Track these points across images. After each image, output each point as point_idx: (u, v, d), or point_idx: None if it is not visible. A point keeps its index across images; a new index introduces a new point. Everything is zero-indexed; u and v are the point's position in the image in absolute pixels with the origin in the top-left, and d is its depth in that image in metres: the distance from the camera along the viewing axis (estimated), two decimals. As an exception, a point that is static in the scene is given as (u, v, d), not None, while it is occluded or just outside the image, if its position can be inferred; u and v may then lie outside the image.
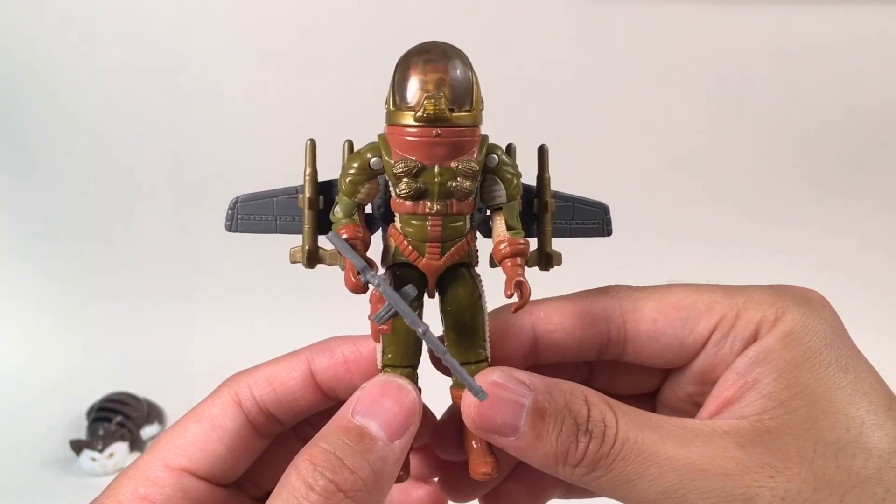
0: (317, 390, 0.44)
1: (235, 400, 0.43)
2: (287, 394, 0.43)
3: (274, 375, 0.43)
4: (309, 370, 0.43)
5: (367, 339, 0.43)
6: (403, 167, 0.39)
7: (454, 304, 0.43)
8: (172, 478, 0.41)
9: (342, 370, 0.43)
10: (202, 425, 0.42)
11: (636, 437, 0.37)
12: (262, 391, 0.43)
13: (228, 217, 0.44)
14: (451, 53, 0.40)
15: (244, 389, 0.43)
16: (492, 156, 0.41)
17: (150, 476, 0.40)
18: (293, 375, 0.43)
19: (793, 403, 0.38)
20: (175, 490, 0.40)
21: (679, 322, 0.43)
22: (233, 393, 0.43)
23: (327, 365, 0.43)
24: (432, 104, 0.38)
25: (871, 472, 0.37)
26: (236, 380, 0.44)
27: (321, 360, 0.43)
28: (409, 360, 0.43)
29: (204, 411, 0.43)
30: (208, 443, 0.42)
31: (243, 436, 0.43)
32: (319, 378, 0.43)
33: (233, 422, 0.42)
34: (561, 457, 0.38)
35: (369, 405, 0.38)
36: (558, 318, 0.45)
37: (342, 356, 0.43)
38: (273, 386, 0.43)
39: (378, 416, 0.38)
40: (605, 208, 0.47)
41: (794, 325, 0.40)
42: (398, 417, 0.38)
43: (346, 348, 0.43)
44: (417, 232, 0.41)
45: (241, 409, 0.43)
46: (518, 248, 0.41)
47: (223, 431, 0.42)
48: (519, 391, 0.39)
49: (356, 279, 0.39)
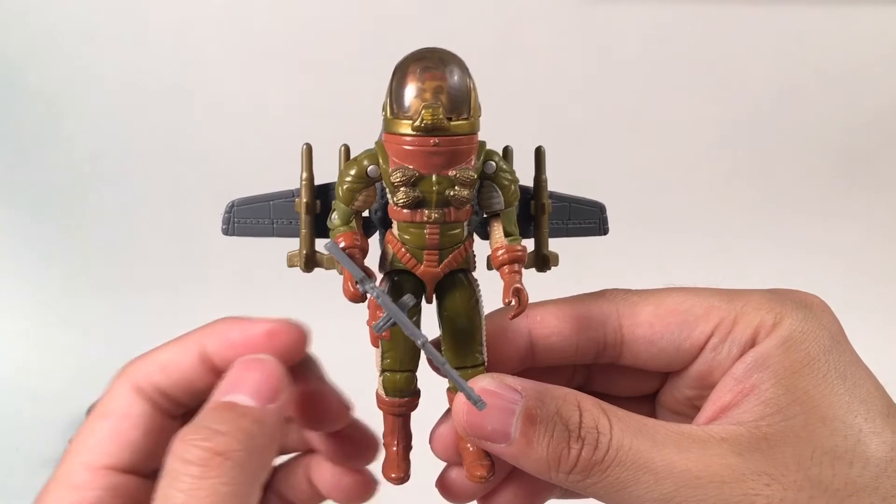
0: (211, 372, 0.42)
1: (135, 388, 0.42)
2: (182, 378, 0.42)
3: (167, 361, 0.42)
4: (200, 353, 0.42)
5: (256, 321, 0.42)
6: (401, 176, 0.39)
7: (452, 310, 0.43)
8: (98, 478, 0.40)
9: (232, 353, 0.42)
10: (110, 419, 0.41)
11: (631, 444, 0.37)
12: (157, 377, 0.42)
13: (225, 221, 0.44)
14: (448, 60, 0.39)
15: (141, 376, 0.42)
16: (489, 162, 0.41)
17: (74, 482, 0.40)
18: (185, 360, 0.42)
19: (791, 410, 0.38)
20: (104, 490, 0.39)
21: (676, 326, 0.43)
22: (130, 381, 0.42)
23: (217, 348, 0.42)
24: (430, 114, 0.38)
25: (868, 480, 0.37)
26: (129, 370, 0.43)
27: (211, 343, 0.42)
28: (408, 365, 0.43)
29: (106, 406, 0.42)
30: (122, 433, 0.41)
31: (153, 420, 0.42)
32: (213, 360, 0.42)
33: (138, 408, 0.41)
34: (553, 463, 0.38)
35: (233, 383, 0.38)
36: (555, 321, 0.45)
37: (231, 339, 0.42)
38: (167, 371, 0.42)
39: (244, 388, 0.38)
40: (602, 207, 0.47)
41: (793, 331, 0.40)
42: (264, 383, 0.38)
43: (234, 332, 0.42)
44: (415, 239, 0.41)
45: (143, 396, 0.42)
46: (516, 254, 0.41)
47: (132, 419, 0.41)
48: (509, 398, 0.39)
49: (355, 289, 0.39)
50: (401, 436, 0.45)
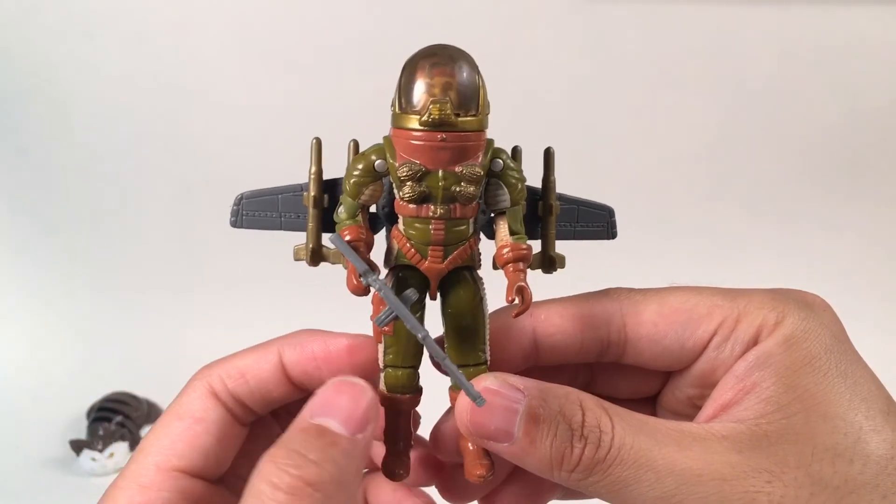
0: (288, 382, 0.43)
1: (211, 392, 0.42)
2: (259, 385, 0.43)
3: (246, 367, 0.43)
4: (280, 363, 0.43)
5: (337, 336, 0.43)
6: (407, 171, 0.39)
7: (455, 307, 0.43)
8: (168, 480, 0.40)
9: (311, 366, 0.43)
10: (184, 421, 0.41)
11: (632, 442, 0.38)
12: (235, 383, 0.42)
13: (233, 213, 0.44)
14: (457, 57, 0.40)
15: (217, 381, 0.42)
16: (497, 160, 0.41)
17: (144, 482, 0.40)
18: (265, 367, 0.43)
19: (791, 408, 0.38)
20: (172, 492, 0.40)
21: (679, 325, 0.43)
22: (206, 385, 0.42)
23: (297, 359, 0.43)
24: (438, 109, 0.38)
25: (869, 477, 0.37)
26: (207, 372, 0.43)
27: (291, 353, 0.43)
28: (411, 361, 0.43)
29: (182, 407, 0.42)
30: (196, 437, 0.41)
31: (226, 425, 0.42)
32: (290, 371, 0.43)
33: (213, 413, 0.42)
34: (556, 462, 0.38)
35: (326, 405, 0.37)
36: (559, 320, 0.45)
37: (311, 352, 0.43)
38: (245, 378, 0.43)
39: (336, 413, 0.37)
40: (611, 211, 0.47)
41: (795, 330, 0.41)
42: (356, 412, 0.37)
43: (315, 344, 0.43)
44: (420, 235, 0.41)
45: (218, 401, 0.42)
46: (521, 253, 0.41)
47: (207, 424, 0.41)
48: (513, 397, 0.39)
49: (358, 282, 0.39)
50: (401, 433, 0.45)
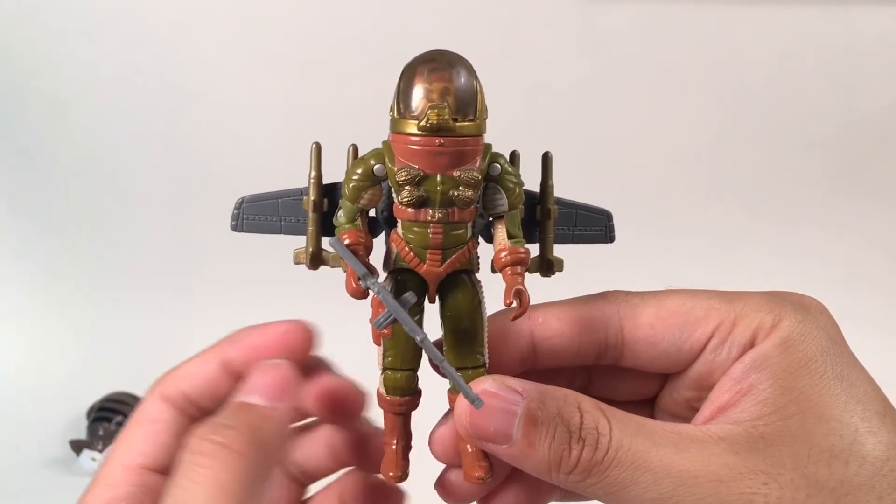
0: (233, 379, 0.44)
1: (163, 396, 0.44)
2: (207, 385, 0.44)
3: (192, 371, 0.45)
4: (222, 360, 0.44)
5: (273, 326, 0.44)
6: (406, 175, 0.40)
7: (454, 310, 0.43)
8: (132, 476, 0.41)
9: (251, 357, 0.44)
10: (142, 424, 0.43)
11: (630, 444, 0.38)
12: (184, 385, 0.44)
13: (234, 217, 0.45)
14: (456, 62, 0.40)
15: (168, 386, 0.44)
16: (494, 164, 0.42)
17: (111, 480, 0.41)
18: (209, 367, 0.44)
19: (788, 410, 0.39)
20: (137, 487, 0.41)
21: (677, 328, 0.43)
22: (159, 391, 0.44)
23: (236, 354, 0.44)
24: (436, 114, 0.38)
25: (865, 479, 0.37)
26: (161, 381, 0.45)
27: (231, 350, 0.44)
28: (409, 364, 0.43)
29: (140, 414, 0.44)
30: (154, 435, 0.43)
31: (182, 424, 0.43)
32: (233, 367, 0.44)
33: (168, 413, 0.44)
34: (554, 464, 0.38)
35: (248, 386, 0.40)
36: (556, 323, 0.45)
37: (249, 344, 0.44)
38: (192, 380, 0.44)
39: (256, 390, 0.39)
40: (609, 215, 0.47)
41: (791, 332, 0.41)
42: (272, 384, 0.39)
43: (252, 337, 0.44)
44: (419, 239, 0.41)
45: (171, 403, 0.44)
46: (518, 256, 0.42)
47: (163, 423, 0.43)
48: (511, 399, 0.39)
49: (357, 285, 0.40)
50: (400, 435, 0.45)
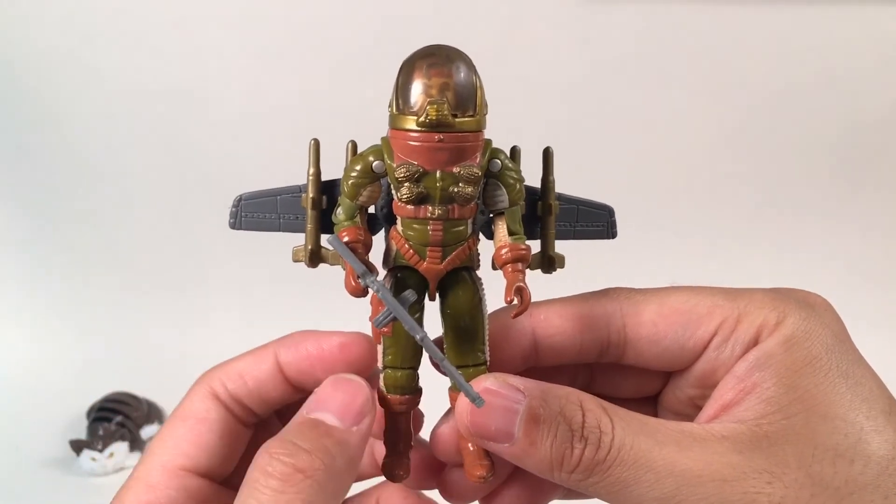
0: (285, 383, 0.44)
1: (212, 394, 0.43)
2: (258, 386, 0.44)
3: (244, 369, 0.44)
4: (276, 363, 0.44)
5: (330, 335, 0.44)
6: (405, 172, 0.39)
7: (454, 308, 0.43)
8: (173, 479, 0.41)
9: (306, 365, 0.44)
10: (188, 422, 0.43)
11: (632, 443, 0.37)
12: (234, 385, 0.44)
13: (232, 215, 0.44)
14: (455, 57, 0.40)
15: (217, 384, 0.44)
16: (494, 160, 0.41)
17: (150, 481, 0.41)
18: (262, 368, 0.44)
19: (792, 408, 0.38)
20: (178, 491, 0.41)
21: (680, 326, 0.43)
22: (208, 388, 0.44)
23: (292, 359, 0.44)
24: (435, 109, 0.38)
25: (870, 478, 0.37)
26: (209, 376, 0.44)
27: (286, 354, 0.44)
28: (410, 362, 0.43)
29: (185, 410, 0.43)
30: (199, 436, 0.42)
31: (228, 425, 0.43)
32: (286, 371, 0.44)
33: (215, 413, 0.43)
34: (556, 463, 0.38)
35: (322, 401, 0.39)
36: (558, 321, 0.45)
37: (306, 351, 0.44)
38: (244, 379, 0.44)
39: (331, 408, 0.38)
40: (611, 211, 0.46)
41: (796, 330, 0.40)
42: (352, 405, 0.39)
43: (309, 344, 0.44)
44: (419, 236, 0.41)
45: (219, 402, 0.43)
46: (519, 253, 0.41)
47: (210, 423, 0.43)
48: (513, 397, 0.39)
49: (356, 283, 0.39)
50: (401, 434, 0.45)
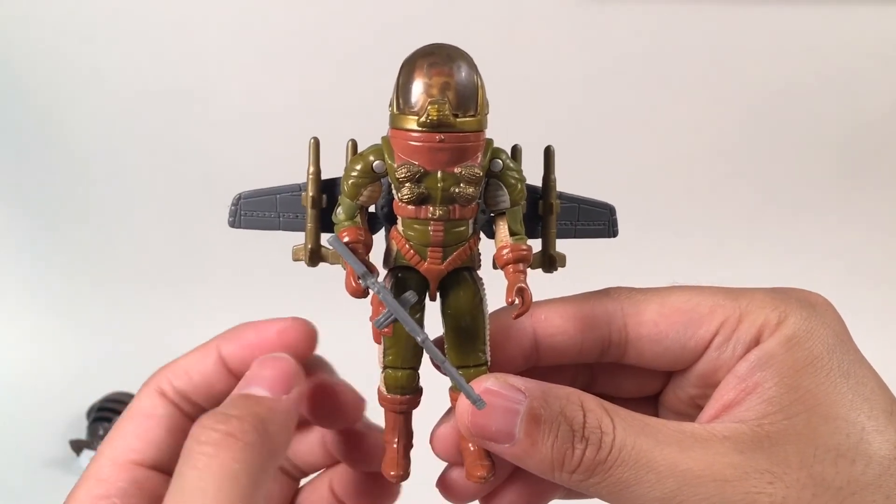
0: (230, 375, 0.44)
1: (158, 392, 0.44)
2: (203, 381, 0.44)
3: (188, 365, 0.45)
4: (219, 357, 0.44)
5: (269, 323, 0.44)
6: (406, 172, 0.39)
7: (455, 308, 0.43)
8: (122, 472, 0.41)
9: (248, 354, 0.44)
10: (136, 419, 0.43)
11: (633, 443, 0.37)
12: (180, 381, 0.44)
13: (231, 213, 0.44)
14: (456, 56, 0.39)
15: (164, 382, 0.44)
16: (496, 160, 0.41)
17: (101, 476, 0.41)
18: (206, 363, 0.44)
19: (793, 408, 0.38)
20: (128, 483, 0.41)
21: (681, 325, 0.43)
22: (154, 386, 0.44)
23: (233, 350, 0.44)
24: (436, 109, 0.38)
25: (871, 478, 0.37)
26: (156, 375, 0.45)
27: (228, 346, 0.44)
28: (410, 363, 0.43)
29: (133, 409, 0.44)
30: (147, 431, 0.43)
31: (176, 421, 0.44)
32: (230, 364, 0.44)
33: (162, 409, 0.44)
34: (557, 463, 0.38)
35: (250, 378, 0.40)
36: (559, 320, 0.45)
37: (246, 341, 0.44)
38: (189, 375, 0.44)
39: (260, 382, 0.40)
40: (612, 209, 0.46)
41: (797, 330, 0.40)
42: (278, 377, 0.40)
43: (250, 333, 0.44)
44: (419, 236, 0.41)
45: (166, 399, 0.44)
46: (521, 254, 0.41)
47: (157, 419, 0.43)
48: (514, 398, 0.39)
49: (356, 284, 0.39)
50: (401, 433, 0.45)
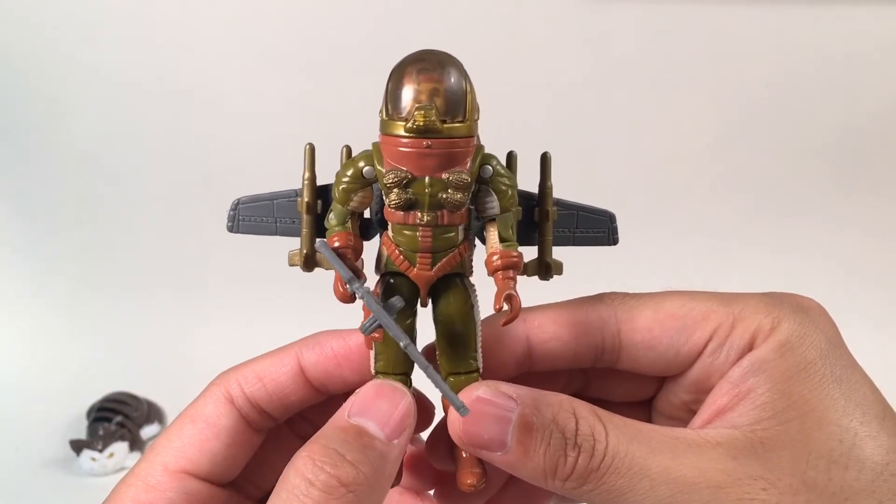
0: (307, 385, 0.44)
1: (227, 397, 0.43)
2: (277, 389, 0.43)
3: (263, 371, 0.43)
4: (298, 365, 0.43)
5: (355, 333, 0.43)
6: (394, 177, 0.39)
7: (445, 315, 0.42)
8: (173, 481, 0.40)
9: (332, 364, 0.43)
10: (197, 425, 0.42)
11: (626, 450, 0.37)
12: (253, 388, 0.43)
13: (230, 218, 0.44)
14: (445, 62, 0.39)
15: (234, 386, 0.43)
16: (486, 166, 0.41)
17: (151, 482, 0.40)
18: (283, 371, 0.43)
19: (786, 414, 0.38)
20: (177, 493, 0.40)
21: (675, 331, 0.43)
22: (223, 391, 0.43)
23: (316, 360, 0.43)
24: (423, 115, 0.38)
25: (864, 484, 0.36)
26: (226, 377, 0.44)
27: (310, 354, 0.43)
28: (401, 368, 0.43)
29: (197, 411, 0.43)
30: (205, 441, 0.42)
31: (239, 432, 0.43)
32: (309, 373, 0.43)
33: (227, 419, 0.42)
34: (550, 471, 0.38)
35: (365, 407, 0.38)
36: (552, 326, 0.44)
37: (331, 350, 0.43)
38: (263, 382, 0.43)
39: (374, 416, 0.38)
40: (612, 217, 0.46)
41: (790, 335, 0.40)
42: (395, 417, 0.38)
43: (334, 342, 0.43)
44: (408, 242, 0.41)
45: (234, 406, 0.43)
46: (510, 260, 0.41)
47: (219, 429, 0.42)
48: (505, 406, 0.39)
49: (344, 289, 0.39)
50: None
